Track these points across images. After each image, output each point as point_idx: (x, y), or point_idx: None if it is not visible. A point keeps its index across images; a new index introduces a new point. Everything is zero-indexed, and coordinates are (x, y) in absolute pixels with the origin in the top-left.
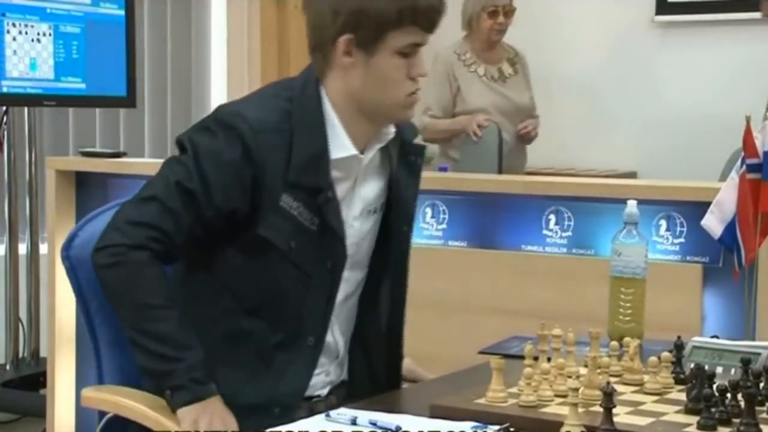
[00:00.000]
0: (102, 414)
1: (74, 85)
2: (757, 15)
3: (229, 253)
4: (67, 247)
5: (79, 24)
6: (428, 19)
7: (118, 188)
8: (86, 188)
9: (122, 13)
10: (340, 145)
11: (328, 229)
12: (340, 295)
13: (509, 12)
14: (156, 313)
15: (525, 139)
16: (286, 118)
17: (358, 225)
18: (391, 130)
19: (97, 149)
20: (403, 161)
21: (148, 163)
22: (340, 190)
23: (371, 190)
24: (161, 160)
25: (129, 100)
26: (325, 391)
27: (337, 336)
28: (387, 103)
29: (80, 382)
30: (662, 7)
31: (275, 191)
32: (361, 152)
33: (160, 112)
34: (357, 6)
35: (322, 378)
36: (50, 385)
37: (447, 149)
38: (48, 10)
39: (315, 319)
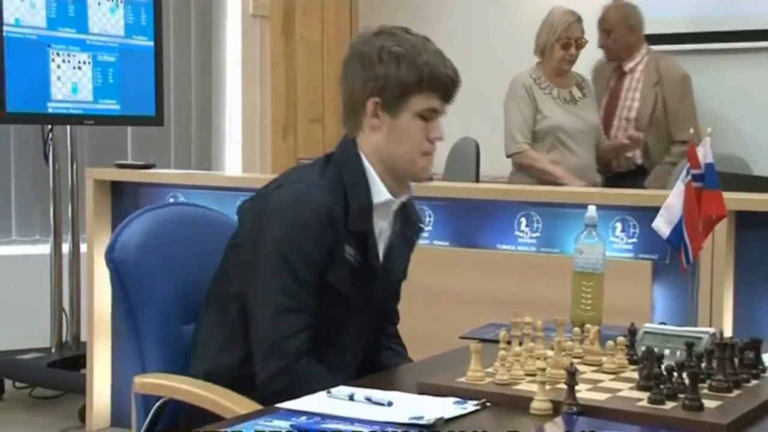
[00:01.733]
0: (146, 397)
1: (110, 106)
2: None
3: None
4: (110, 251)
5: (114, 53)
6: (444, 88)
7: (147, 195)
8: (120, 195)
9: (152, 44)
10: (378, 192)
11: (368, 266)
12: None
13: (581, 44)
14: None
15: (627, 147)
16: (338, 179)
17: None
18: (410, 191)
19: (130, 161)
20: (401, 233)
21: (173, 174)
22: (376, 231)
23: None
24: (186, 171)
25: (157, 119)
26: None
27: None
28: (406, 158)
29: (115, 364)
30: None
31: (342, 244)
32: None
33: (185, 129)
34: (384, 73)
35: None
36: (89, 366)
37: None
38: (87, 42)
39: (352, 340)
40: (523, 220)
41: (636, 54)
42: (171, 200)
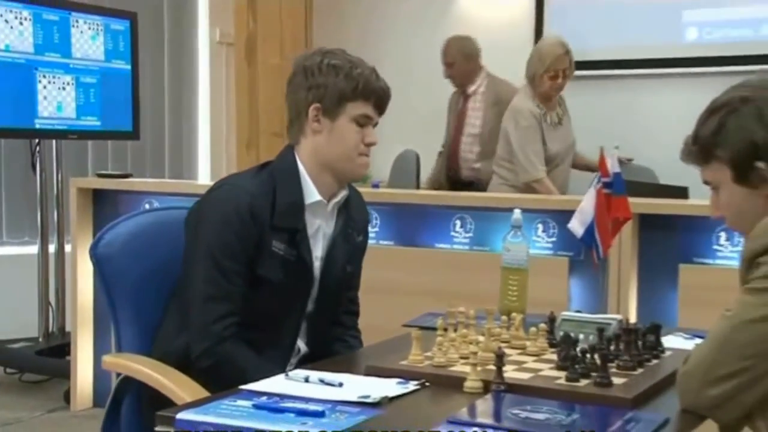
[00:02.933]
0: (118, 375)
1: (91, 122)
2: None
3: None
4: (93, 248)
5: (95, 76)
6: (377, 97)
7: (125, 202)
8: (101, 202)
9: (129, 67)
10: (310, 192)
11: (302, 260)
12: (309, 309)
13: (568, 75)
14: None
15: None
16: (270, 181)
17: (322, 257)
18: (347, 191)
19: (110, 171)
20: (342, 232)
21: (149, 182)
22: (310, 229)
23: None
24: (160, 180)
25: (134, 133)
26: None
27: (301, 341)
28: (344, 159)
29: (97, 351)
30: None
31: (268, 239)
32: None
33: (159, 142)
34: (324, 82)
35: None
36: (73, 353)
37: None
38: (71, 65)
39: (290, 328)
40: (458, 222)
41: (476, 78)
42: (147, 206)
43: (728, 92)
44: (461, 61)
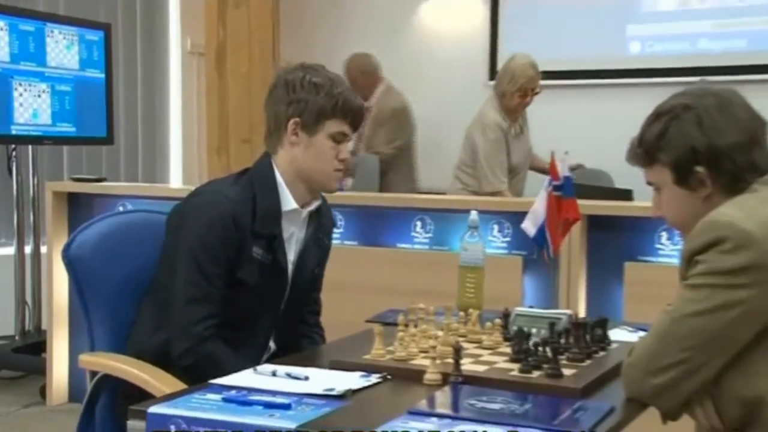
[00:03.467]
0: (94, 373)
1: (67, 128)
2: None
3: None
4: (66, 250)
5: (70, 84)
6: (354, 116)
7: (100, 205)
8: (76, 205)
9: (103, 75)
10: (287, 201)
11: (277, 264)
12: (282, 308)
13: (537, 93)
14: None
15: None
16: (250, 189)
17: (294, 261)
18: (320, 200)
19: (84, 176)
20: (313, 237)
21: (122, 186)
22: (285, 234)
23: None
24: (133, 184)
25: (108, 139)
26: None
27: (272, 340)
28: (319, 172)
29: (72, 349)
30: (493, 74)
31: (248, 244)
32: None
33: (132, 148)
34: (304, 98)
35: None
36: (49, 351)
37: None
38: (46, 74)
39: (265, 327)
40: (419, 223)
41: (375, 91)
42: (121, 209)
43: (671, 99)
44: (360, 77)
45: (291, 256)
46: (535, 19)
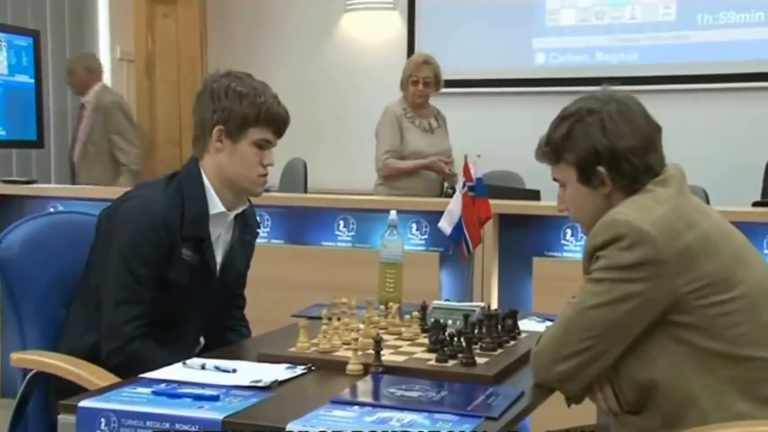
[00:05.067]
0: (26, 371)
1: None
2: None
3: None
4: None
5: None
6: (277, 124)
7: (31, 206)
8: (7, 206)
9: (32, 81)
10: (214, 204)
11: (206, 264)
12: (211, 306)
13: (428, 83)
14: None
15: (447, 178)
16: (179, 193)
17: (221, 262)
18: (246, 203)
19: (15, 178)
20: (240, 239)
21: (53, 188)
22: (212, 236)
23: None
24: (64, 186)
25: (38, 142)
26: None
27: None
28: (243, 178)
29: (3, 347)
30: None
31: (178, 247)
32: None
33: (63, 151)
34: (228, 107)
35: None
36: None
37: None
38: None
39: (194, 324)
40: (341, 222)
41: (91, 89)
42: (52, 210)
43: (578, 102)
44: (82, 72)
45: (219, 257)
46: (449, 32)
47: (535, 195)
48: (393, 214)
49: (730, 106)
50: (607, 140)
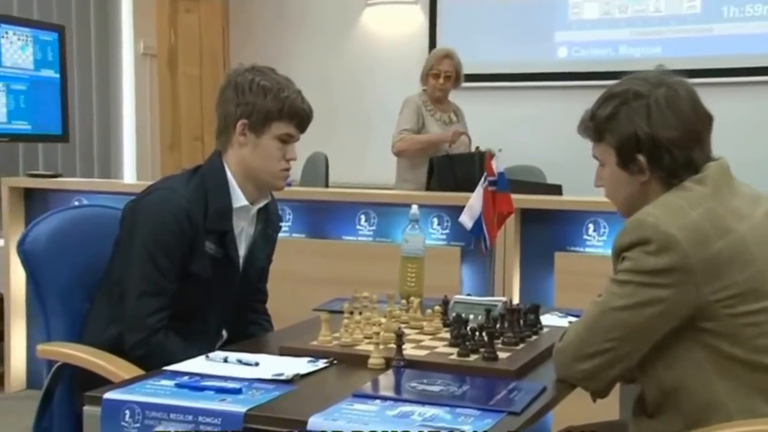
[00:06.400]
0: (51, 363)
1: (22, 126)
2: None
3: None
4: (21, 244)
5: (25, 83)
6: (300, 119)
7: (55, 200)
8: (32, 200)
9: (58, 75)
10: (237, 197)
11: (229, 258)
12: (233, 299)
13: (448, 77)
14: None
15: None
16: (202, 187)
17: (244, 255)
18: (268, 197)
19: (40, 171)
20: (263, 232)
21: (77, 182)
22: (236, 230)
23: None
24: (88, 180)
25: (64, 136)
26: None
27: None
28: (266, 172)
29: (30, 339)
30: None
31: (201, 240)
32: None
33: (88, 145)
34: (252, 101)
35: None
36: (6, 340)
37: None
38: (1, 73)
39: (217, 317)
40: (363, 217)
41: None
42: (76, 204)
43: (626, 82)
44: None
45: (241, 250)
46: (471, 26)
47: (557, 190)
48: (414, 208)
49: (756, 98)
50: (649, 128)
